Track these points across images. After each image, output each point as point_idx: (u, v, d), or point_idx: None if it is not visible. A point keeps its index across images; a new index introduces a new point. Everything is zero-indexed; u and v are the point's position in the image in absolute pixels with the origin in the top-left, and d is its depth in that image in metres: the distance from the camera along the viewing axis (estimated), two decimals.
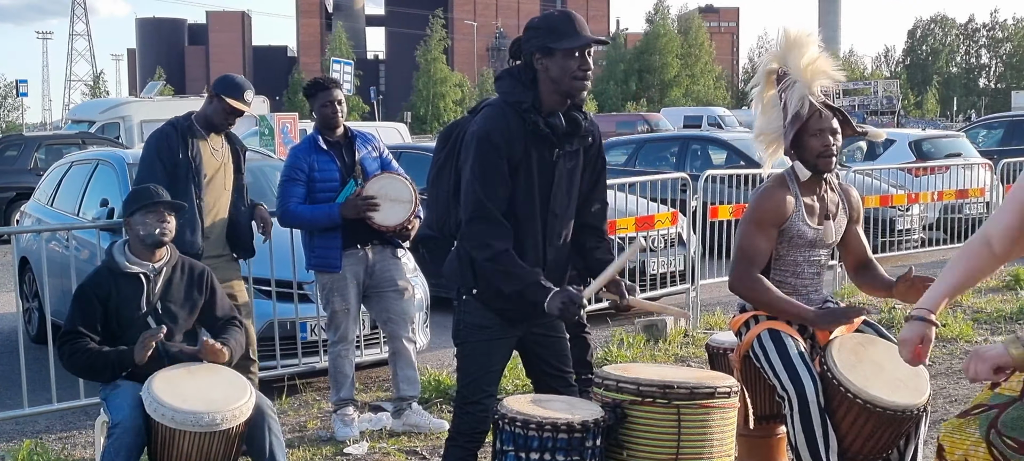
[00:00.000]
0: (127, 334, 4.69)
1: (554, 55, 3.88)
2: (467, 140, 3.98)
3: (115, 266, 4.77)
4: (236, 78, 6.06)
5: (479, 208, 3.87)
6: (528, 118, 3.91)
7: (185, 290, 4.85)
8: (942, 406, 6.64)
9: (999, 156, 14.73)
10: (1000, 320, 9.38)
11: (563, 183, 4.04)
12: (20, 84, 49.81)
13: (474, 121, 4.01)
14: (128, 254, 4.79)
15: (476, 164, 3.88)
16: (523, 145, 3.92)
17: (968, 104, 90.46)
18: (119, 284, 4.73)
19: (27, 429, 6.70)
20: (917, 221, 13.41)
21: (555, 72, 3.90)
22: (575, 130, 3.99)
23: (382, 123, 24.88)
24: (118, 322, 4.70)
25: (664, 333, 8.87)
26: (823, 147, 4.54)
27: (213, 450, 4.32)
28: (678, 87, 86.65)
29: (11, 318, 9.05)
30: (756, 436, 4.83)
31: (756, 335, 4.54)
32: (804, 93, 4.56)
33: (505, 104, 3.96)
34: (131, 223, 4.79)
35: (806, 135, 4.55)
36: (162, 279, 4.80)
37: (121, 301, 4.71)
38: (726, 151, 15.38)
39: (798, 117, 4.55)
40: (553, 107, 3.95)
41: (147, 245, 4.78)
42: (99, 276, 4.80)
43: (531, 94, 3.93)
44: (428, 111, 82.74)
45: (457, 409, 4.19)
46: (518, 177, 3.94)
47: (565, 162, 4.03)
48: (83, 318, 4.66)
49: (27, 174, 19.16)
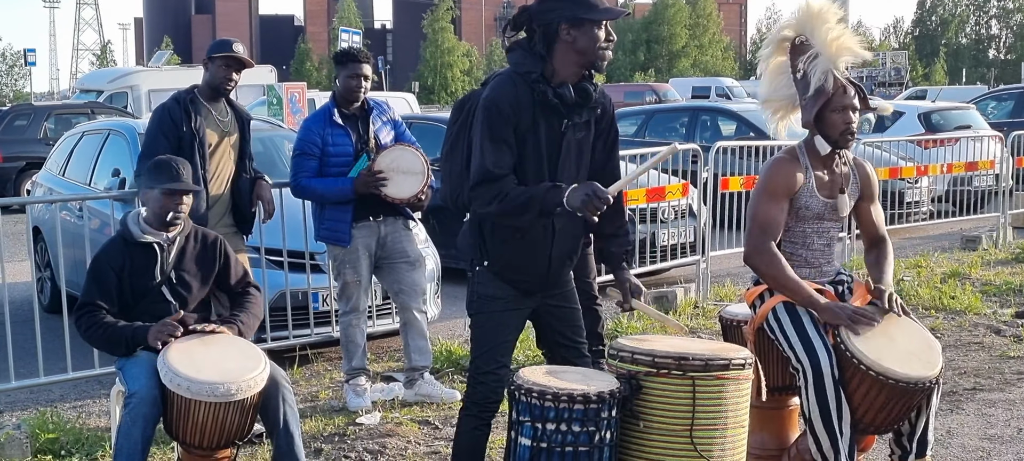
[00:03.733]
0: (141, 304, 4.70)
1: (583, 25, 3.89)
2: (477, 110, 3.99)
3: (129, 236, 4.78)
4: (221, 39, 6.19)
5: (485, 173, 3.88)
6: (537, 88, 3.91)
7: (198, 259, 4.86)
8: (951, 378, 6.66)
9: (1009, 128, 14.67)
10: (1009, 292, 9.38)
11: (572, 153, 4.04)
12: (28, 53, 49.71)
13: (484, 91, 4.01)
14: (142, 224, 4.80)
15: (484, 131, 3.90)
16: (531, 115, 3.93)
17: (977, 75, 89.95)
18: (133, 254, 4.74)
19: (41, 398, 6.74)
20: (926, 193, 13.38)
21: (583, 42, 3.90)
22: (585, 101, 3.99)
23: (390, 93, 24.80)
24: (132, 292, 4.71)
25: (674, 304, 8.89)
26: (845, 124, 4.54)
27: (228, 420, 4.34)
28: (686, 57, 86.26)
29: (22, 288, 9.09)
30: (769, 407, 4.84)
31: (771, 307, 4.55)
32: (828, 68, 4.54)
33: (515, 74, 3.96)
34: (149, 197, 4.80)
35: (828, 110, 4.54)
36: (176, 249, 4.81)
37: (135, 271, 4.72)
38: (736, 122, 15.35)
39: (823, 92, 4.53)
40: (565, 78, 3.95)
41: (162, 222, 4.78)
42: (113, 247, 4.81)
43: (541, 65, 3.94)
44: (436, 81, 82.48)
45: (470, 379, 4.20)
46: (526, 147, 3.94)
47: (574, 133, 4.03)
48: (99, 290, 4.68)
49: (36, 144, 19.20)
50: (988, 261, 11.03)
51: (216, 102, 6.08)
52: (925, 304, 8.74)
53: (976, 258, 11.11)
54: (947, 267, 10.48)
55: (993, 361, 7.16)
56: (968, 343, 7.63)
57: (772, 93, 4.89)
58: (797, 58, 4.70)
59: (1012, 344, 7.56)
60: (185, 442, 4.42)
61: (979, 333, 7.89)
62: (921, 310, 8.55)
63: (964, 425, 5.89)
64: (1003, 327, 8.01)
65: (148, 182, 4.85)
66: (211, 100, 6.05)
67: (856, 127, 4.60)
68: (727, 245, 10.45)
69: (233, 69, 6.00)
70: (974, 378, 6.75)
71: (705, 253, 9.66)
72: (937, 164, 12.88)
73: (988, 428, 5.84)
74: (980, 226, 13.31)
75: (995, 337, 7.76)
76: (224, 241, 5.03)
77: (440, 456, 5.52)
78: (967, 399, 6.33)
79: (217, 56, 6.01)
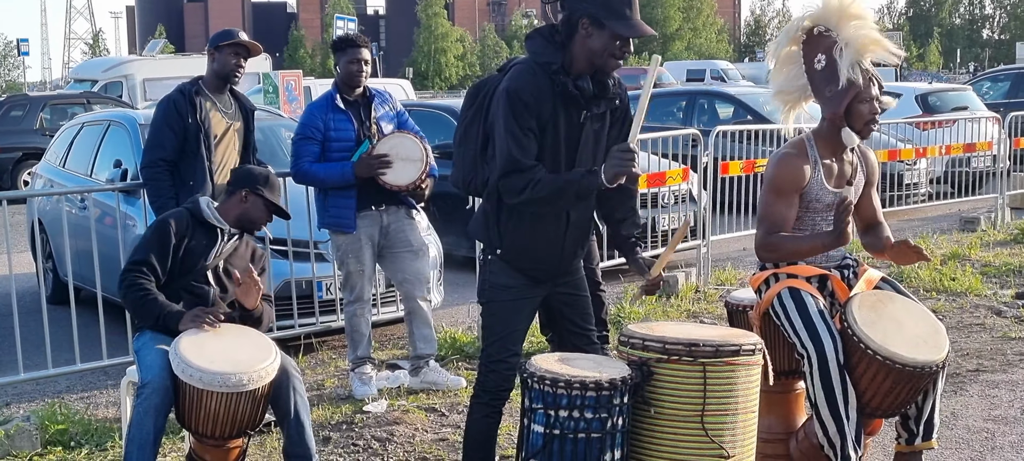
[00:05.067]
0: (183, 279, 4.77)
1: (603, 29, 3.87)
2: (497, 98, 3.99)
3: (198, 213, 4.89)
4: (224, 29, 6.25)
5: (514, 163, 3.89)
6: (557, 79, 3.92)
7: (245, 260, 4.94)
8: (954, 360, 6.69)
9: (1006, 109, 14.69)
10: (1008, 273, 9.42)
11: (589, 144, 4.05)
12: (21, 43, 49.59)
13: (504, 79, 4.01)
14: (214, 210, 4.93)
15: (509, 121, 3.89)
16: (551, 105, 3.93)
17: (971, 56, 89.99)
18: (196, 231, 4.84)
19: (47, 390, 6.76)
20: (924, 175, 13.41)
21: (596, 44, 3.89)
22: (603, 93, 4.01)
23: (386, 80, 24.75)
24: (182, 265, 4.77)
25: (676, 289, 8.92)
26: (871, 114, 4.56)
27: (240, 410, 4.37)
28: (680, 40, 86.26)
29: (22, 279, 9.08)
30: (775, 392, 4.86)
31: (776, 293, 4.57)
32: (856, 60, 4.55)
33: (535, 64, 3.96)
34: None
35: (857, 102, 4.55)
36: (231, 241, 4.88)
37: (193, 247, 4.80)
38: (733, 106, 15.33)
39: (854, 84, 4.54)
40: (581, 70, 3.96)
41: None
42: (182, 217, 4.89)
43: (561, 55, 3.94)
44: (429, 67, 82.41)
45: (482, 367, 4.23)
46: (545, 137, 3.95)
47: (592, 124, 4.05)
48: (159, 249, 4.72)
49: (33, 134, 19.19)
50: (987, 242, 11.07)
51: (221, 93, 6.10)
52: (926, 286, 8.78)
53: (975, 239, 11.15)
54: (946, 249, 10.51)
55: (995, 342, 7.20)
56: (970, 325, 7.67)
57: (785, 84, 4.86)
58: (815, 49, 4.69)
59: (1013, 325, 7.60)
60: (197, 432, 4.45)
61: (980, 314, 7.93)
62: (922, 292, 8.58)
63: (968, 406, 5.92)
64: (1004, 308, 8.05)
65: (251, 185, 4.96)
66: (216, 91, 6.08)
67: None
68: (727, 229, 10.48)
69: (241, 56, 6.04)
70: (976, 360, 6.79)
71: (706, 238, 9.69)
72: (936, 146, 12.89)
73: (992, 409, 5.88)
74: (978, 207, 13.35)
75: (996, 318, 7.80)
76: (267, 255, 5.13)
77: (447, 442, 5.55)
78: (970, 381, 6.37)
79: (224, 44, 6.04)
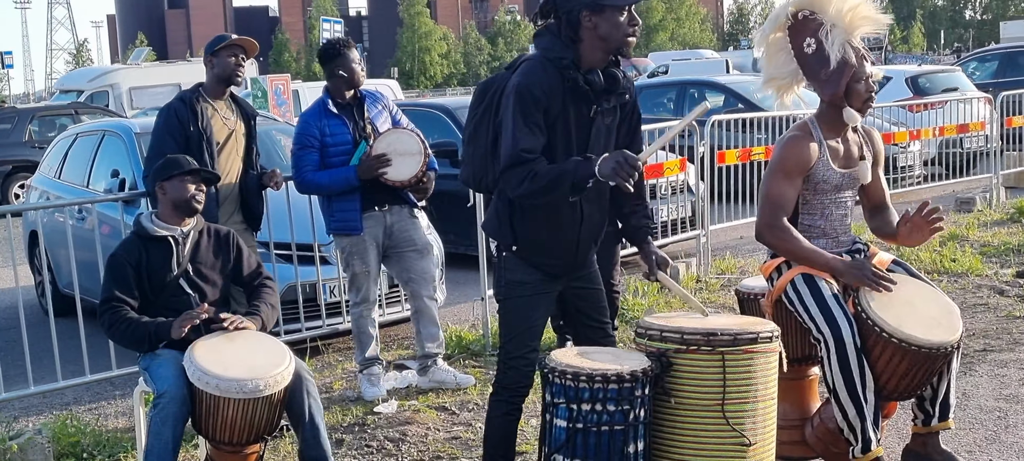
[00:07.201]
0: (161, 298, 4.72)
1: (604, 12, 3.88)
2: (507, 93, 3.99)
3: (143, 232, 4.81)
4: (217, 35, 6.25)
5: (516, 157, 3.88)
6: (567, 75, 3.91)
7: (213, 252, 4.89)
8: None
9: (995, 89, 14.73)
10: (1007, 252, 9.45)
11: (600, 139, 4.05)
12: (5, 56, 49.39)
13: (513, 76, 4.01)
14: (155, 220, 4.82)
15: (517, 116, 3.89)
16: (561, 100, 3.93)
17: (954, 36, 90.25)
18: (149, 249, 4.77)
19: (55, 402, 6.73)
20: (918, 158, 13.45)
21: (605, 29, 3.90)
22: (613, 87, 4.00)
23: (373, 81, 24.69)
24: (151, 286, 4.73)
25: (677, 280, 8.92)
26: (868, 91, 4.58)
27: (257, 416, 4.35)
28: (664, 30, 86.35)
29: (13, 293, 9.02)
30: (789, 378, 4.85)
31: (790, 279, 4.58)
32: (845, 39, 4.56)
33: (545, 60, 3.96)
34: (165, 188, 4.82)
35: (853, 81, 4.57)
36: (190, 242, 4.84)
37: (152, 265, 4.74)
38: (724, 94, 15.34)
39: (848, 64, 4.55)
40: (593, 64, 3.96)
41: (179, 211, 4.80)
42: (128, 243, 4.83)
43: (571, 51, 3.94)
44: (413, 66, 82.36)
45: (501, 365, 4.22)
46: (556, 132, 3.95)
47: (602, 118, 4.04)
48: (118, 284, 4.68)
49: (22, 147, 19.11)
50: (984, 222, 11.10)
51: (221, 100, 6.08)
52: (927, 267, 8.80)
53: (972, 220, 11.18)
54: (945, 230, 10.51)
55: (1000, 321, 7.22)
56: (973, 305, 7.69)
57: (776, 71, 4.88)
58: (802, 33, 4.71)
59: (1017, 304, 7.62)
60: (215, 439, 4.43)
61: (983, 294, 7.95)
62: (924, 274, 8.58)
63: (978, 386, 5.94)
64: (1006, 287, 8.07)
65: (163, 174, 4.86)
66: (217, 97, 6.06)
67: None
68: (726, 218, 10.49)
69: (239, 56, 6.03)
70: (983, 339, 6.81)
71: (705, 227, 9.70)
72: (929, 128, 12.93)
73: (1002, 388, 5.90)
74: (972, 188, 13.39)
75: (999, 298, 7.83)
76: (236, 234, 5.06)
77: (460, 441, 5.54)
78: (979, 361, 6.39)
79: (221, 47, 6.03)
